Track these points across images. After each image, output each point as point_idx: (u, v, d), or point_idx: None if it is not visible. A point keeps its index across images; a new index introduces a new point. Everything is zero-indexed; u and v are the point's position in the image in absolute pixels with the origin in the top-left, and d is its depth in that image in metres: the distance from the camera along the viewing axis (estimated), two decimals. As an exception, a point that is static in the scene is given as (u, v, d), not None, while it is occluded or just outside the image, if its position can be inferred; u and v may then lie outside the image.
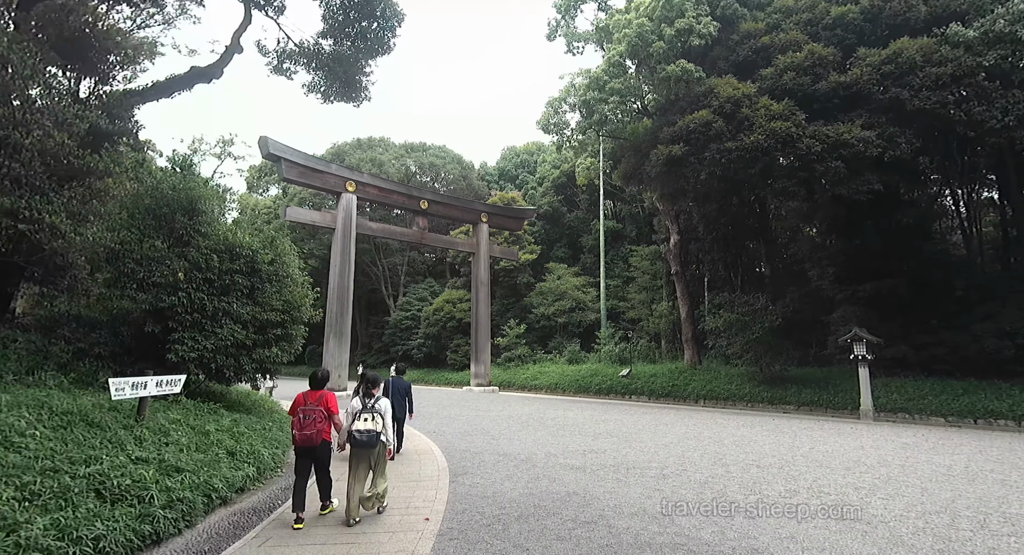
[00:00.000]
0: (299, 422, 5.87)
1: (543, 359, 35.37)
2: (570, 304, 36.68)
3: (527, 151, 49.05)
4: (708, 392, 24.44)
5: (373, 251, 44.21)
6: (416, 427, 14.75)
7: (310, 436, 5.81)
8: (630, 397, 26.84)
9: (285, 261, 12.19)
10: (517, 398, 25.53)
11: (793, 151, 16.73)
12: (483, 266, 30.73)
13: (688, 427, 14.21)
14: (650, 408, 20.89)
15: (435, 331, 39.13)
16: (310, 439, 5.83)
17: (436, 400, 23.31)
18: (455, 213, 30.09)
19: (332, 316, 24.75)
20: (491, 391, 29.63)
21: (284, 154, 23.56)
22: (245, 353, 10.83)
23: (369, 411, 5.89)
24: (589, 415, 17.09)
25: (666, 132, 18.75)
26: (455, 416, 17.12)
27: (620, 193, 41.20)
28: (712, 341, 29.23)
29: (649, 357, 31.24)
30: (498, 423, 15.15)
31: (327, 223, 25.16)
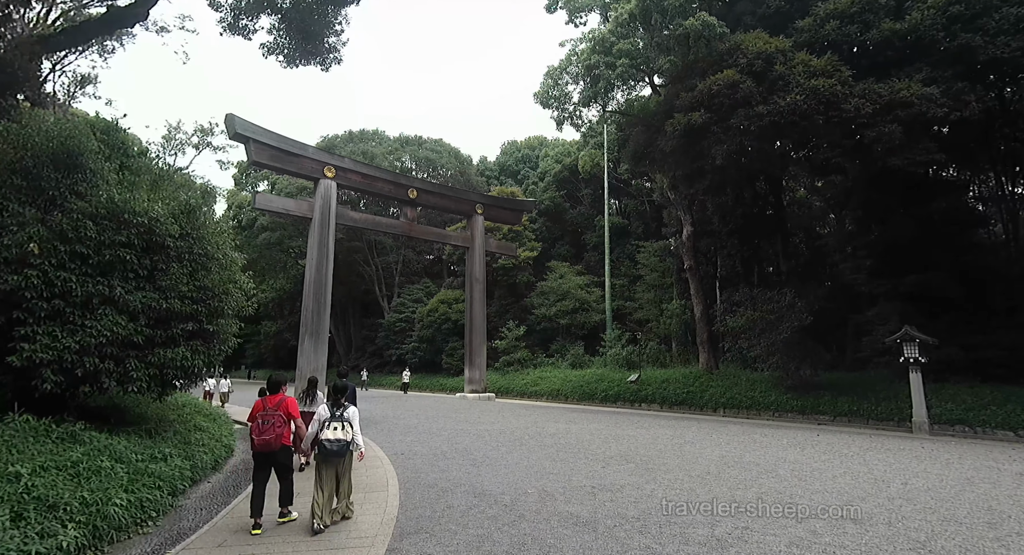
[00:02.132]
0: (258, 427, 5.71)
1: (544, 363, 32.34)
2: (573, 304, 33.67)
3: (528, 146, 46.16)
4: (728, 400, 21.39)
5: (366, 250, 41.35)
6: (385, 445, 11.79)
7: (269, 441, 5.65)
8: (640, 405, 23.79)
9: (204, 236, 9.25)
10: (514, 406, 22.50)
11: (837, 114, 13.76)
12: (478, 261, 27.76)
13: (720, 447, 11.17)
14: (665, 419, 17.85)
15: (430, 334, 36.16)
16: (268, 444, 5.66)
17: (422, 409, 20.29)
18: (448, 204, 27.14)
19: (308, 315, 21.81)
20: (486, 398, 26.60)
21: (253, 134, 20.72)
22: (134, 354, 7.86)
23: (338, 420, 5.75)
24: (596, 429, 14.07)
25: (684, 98, 15.80)
26: (437, 430, 14.11)
27: (626, 188, 38.27)
28: (729, 343, 26.18)
29: (659, 361, 28.18)
30: (486, 441, 12.14)
31: (303, 212, 22.25)
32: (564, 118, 19.69)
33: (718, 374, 23.81)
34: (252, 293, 10.69)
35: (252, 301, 10.31)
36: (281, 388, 6.11)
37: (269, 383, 6.12)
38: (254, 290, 10.76)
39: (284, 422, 5.76)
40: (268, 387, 6.09)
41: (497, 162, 46.42)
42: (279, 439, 5.70)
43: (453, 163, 40.68)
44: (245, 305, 10.08)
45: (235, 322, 10.21)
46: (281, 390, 6.12)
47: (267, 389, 6.08)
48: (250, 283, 10.55)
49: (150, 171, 11.89)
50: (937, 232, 18.34)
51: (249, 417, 5.95)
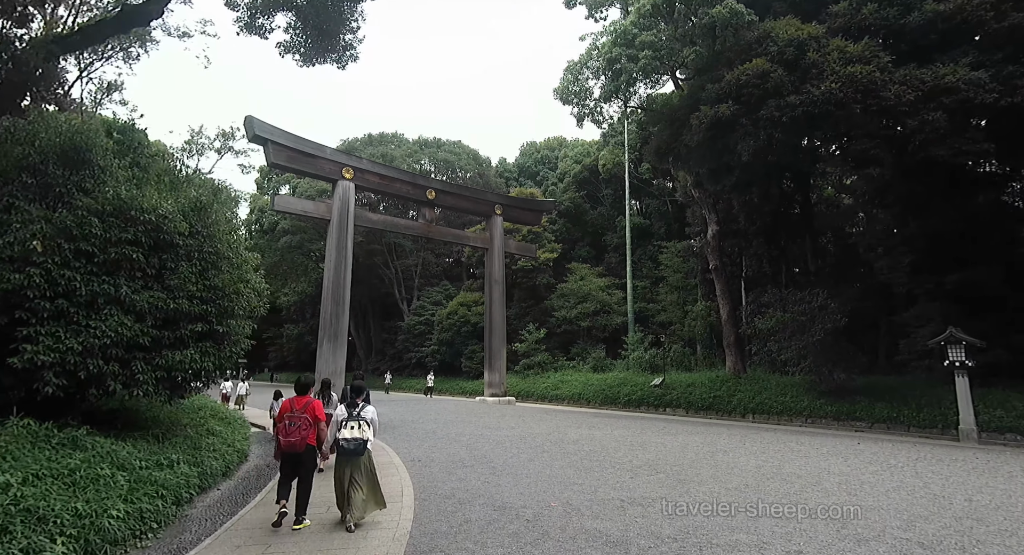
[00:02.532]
0: (284, 428, 5.78)
1: (565, 366, 31.70)
2: (594, 306, 32.98)
3: (548, 147, 45.60)
4: (757, 405, 20.55)
5: (385, 252, 41.22)
6: (402, 451, 11.35)
7: (294, 443, 5.72)
8: (664, 410, 23.04)
9: (215, 234, 8.92)
10: (535, 411, 21.94)
11: (876, 102, 12.96)
12: (497, 263, 27.28)
13: (756, 456, 10.47)
14: (692, 424, 17.13)
15: (449, 336, 35.79)
16: (294, 446, 5.74)
17: (441, 413, 19.87)
18: (466, 204, 26.73)
19: (326, 317, 21.57)
20: (506, 402, 26.07)
21: (271, 136, 20.60)
22: (141, 356, 7.54)
23: (355, 419, 5.84)
24: (621, 435, 13.43)
25: (710, 90, 15.13)
26: (456, 435, 13.64)
27: (647, 187, 37.51)
28: (757, 346, 25.30)
29: (683, 364, 27.35)
30: (506, 447, 11.62)
31: (321, 214, 22.06)
32: (584, 114, 19.14)
33: (746, 378, 22.93)
34: (266, 293, 10.35)
35: (263, 301, 9.95)
36: (309, 390, 6.21)
37: (297, 385, 6.16)
38: (268, 289, 10.42)
39: (310, 424, 5.82)
40: (296, 389, 6.15)
41: (516, 163, 45.97)
42: (304, 441, 5.77)
43: (472, 165, 40.36)
44: (258, 305, 9.74)
45: (248, 323, 9.88)
46: (309, 392, 6.21)
47: (295, 390, 6.14)
48: (263, 283, 10.22)
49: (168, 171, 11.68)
50: (982, 227, 17.31)
51: (277, 418, 6.08)
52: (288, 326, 52.14)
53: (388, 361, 43.37)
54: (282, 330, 54.56)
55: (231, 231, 9.57)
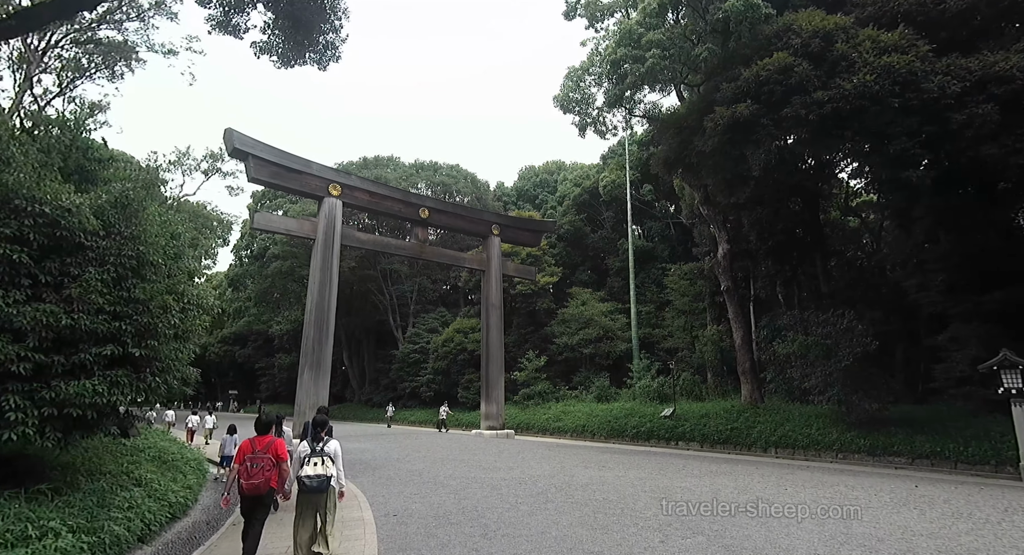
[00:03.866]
0: (246, 470, 5.37)
1: (567, 396, 29.55)
2: (597, 332, 31.01)
3: (546, 170, 44.38)
4: (780, 438, 18.47)
5: (380, 278, 39.44)
6: (377, 500, 9.33)
7: (258, 485, 5.36)
8: (676, 443, 20.90)
9: (140, 236, 7.13)
10: (536, 445, 19.77)
11: (916, 95, 11.42)
12: (495, 286, 25.47)
13: (808, 507, 8.45)
14: (713, 462, 15.03)
15: (444, 365, 33.68)
16: (257, 489, 5.39)
17: (433, 449, 17.73)
18: (462, 224, 25.09)
19: (308, 343, 19.63)
20: (504, 435, 23.87)
21: (252, 150, 19.06)
22: (15, 388, 5.64)
23: (319, 455, 5.47)
24: (637, 478, 11.38)
25: (726, 90, 13.63)
26: (445, 478, 11.57)
27: (649, 210, 36.04)
28: (772, 373, 23.31)
29: (694, 393, 25.27)
30: (502, 495, 9.59)
31: (306, 232, 20.36)
32: (587, 123, 17.67)
33: (764, 408, 20.87)
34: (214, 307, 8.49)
35: (203, 319, 8.06)
36: (271, 429, 5.84)
37: (257, 424, 5.81)
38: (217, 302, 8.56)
39: (273, 465, 5.46)
40: (256, 428, 5.77)
41: (514, 187, 44.66)
42: (267, 483, 5.44)
43: (469, 188, 39.01)
44: (200, 322, 7.86)
45: (187, 347, 8.01)
46: (271, 431, 5.83)
47: (255, 430, 5.76)
48: (210, 295, 8.36)
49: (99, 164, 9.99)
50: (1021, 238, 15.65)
51: (236, 459, 5.60)
52: (280, 355, 49.96)
53: (382, 391, 41.07)
54: (274, 360, 52.34)
55: (168, 234, 7.76)
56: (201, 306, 8.30)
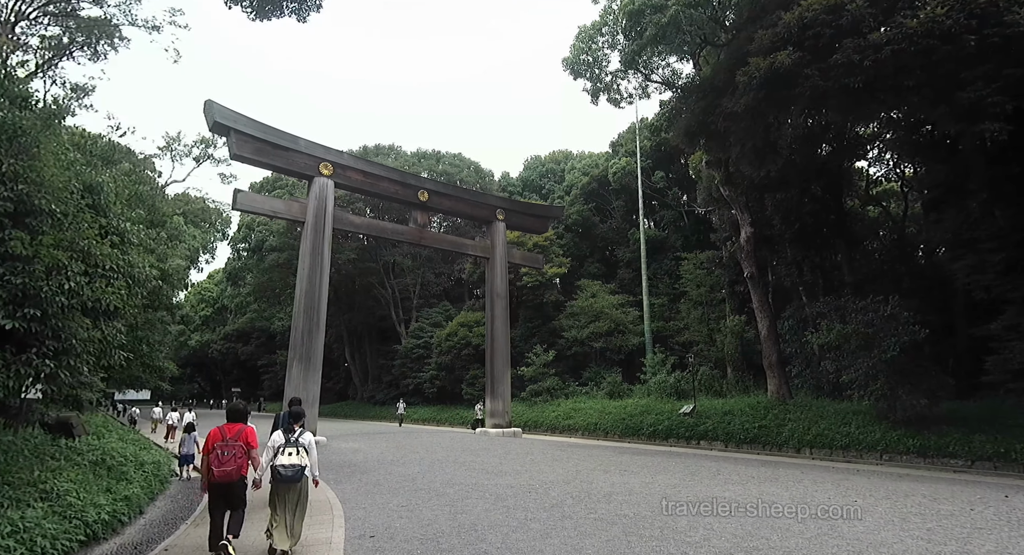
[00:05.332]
0: (217, 458, 5.29)
1: (577, 393, 27.66)
2: (608, 326, 29.10)
3: (553, 160, 42.46)
4: (815, 437, 16.55)
5: (381, 272, 37.69)
6: (354, 514, 7.51)
7: (229, 473, 5.29)
8: (698, 443, 18.99)
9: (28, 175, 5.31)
10: (545, 445, 17.90)
11: (998, 30, 9.48)
12: (499, 274, 23.61)
13: (895, 527, 6.57)
14: (747, 464, 13.10)
15: (448, 360, 31.86)
16: (229, 475, 5.29)
17: (431, 449, 15.89)
18: (464, 208, 23.25)
19: (297, 335, 17.86)
20: (511, 434, 22.01)
21: (234, 124, 17.33)
22: None
23: (293, 445, 5.50)
24: (665, 484, 9.50)
25: (762, 38, 11.71)
26: (441, 485, 9.73)
27: (661, 197, 34.06)
28: (799, 366, 21.37)
29: (713, 389, 23.34)
30: (508, 507, 7.74)
31: (294, 214, 18.62)
32: (599, 89, 15.82)
33: (794, 404, 18.91)
34: (149, 276, 6.68)
35: (128, 289, 6.23)
36: (244, 418, 5.72)
37: (229, 412, 5.77)
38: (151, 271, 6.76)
39: (244, 453, 5.40)
40: (228, 416, 5.70)
41: (520, 177, 42.74)
42: (239, 470, 5.35)
43: (473, 178, 37.16)
44: (124, 297, 6.04)
45: (113, 324, 6.20)
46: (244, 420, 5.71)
47: (227, 417, 5.66)
48: (143, 259, 6.56)
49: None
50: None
51: (204, 449, 5.57)
52: (281, 352, 48.21)
53: (385, 388, 39.32)
54: (276, 357, 50.76)
55: (69, 174, 5.95)
56: (131, 275, 6.47)
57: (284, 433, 5.63)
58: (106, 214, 6.64)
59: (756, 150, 14.77)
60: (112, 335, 6.40)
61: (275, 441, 5.56)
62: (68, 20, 22.56)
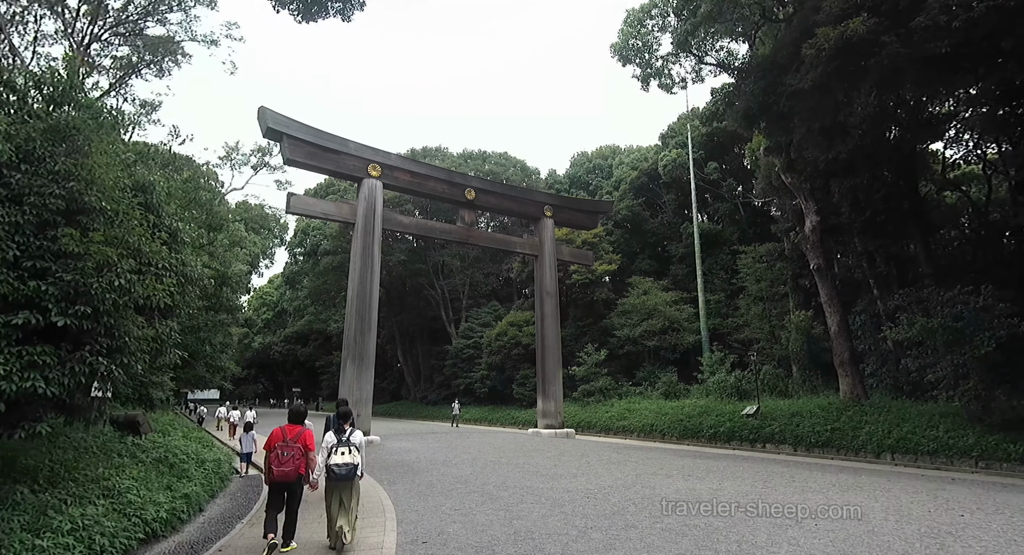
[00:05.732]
0: (277, 458, 5.58)
1: (630, 393, 26.78)
2: (661, 324, 28.07)
3: (600, 155, 41.56)
4: (898, 442, 15.18)
5: (430, 272, 37.95)
6: (406, 517, 7.25)
7: (288, 473, 5.57)
8: (763, 446, 17.86)
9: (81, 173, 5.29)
10: (600, 447, 17.28)
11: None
12: (548, 271, 23.12)
13: (1012, 543, 5.67)
14: (824, 470, 12.05)
15: (498, 360, 31.61)
16: (287, 475, 5.59)
17: (484, 450, 15.60)
18: (511, 205, 22.90)
19: (350, 335, 18.00)
20: (564, 435, 21.47)
21: (287, 129, 17.64)
22: None
23: (345, 444, 5.74)
24: (738, 491, 8.75)
25: (832, 5, 10.73)
26: (495, 488, 9.36)
27: (715, 189, 32.60)
28: (875, 364, 19.83)
29: (778, 388, 21.99)
30: (566, 513, 7.26)
31: (344, 216, 18.81)
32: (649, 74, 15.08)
33: (870, 405, 17.47)
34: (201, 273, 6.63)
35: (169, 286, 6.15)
36: (303, 419, 5.96)
37: (291, 414, 5.97)
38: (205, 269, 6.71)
39: (302, 454, 5.66)
40: (289, 417, 5.94)
41: (566, 175, 42.06)
42: (296, 471, 5.62)
43: (519, 176, 36.84)
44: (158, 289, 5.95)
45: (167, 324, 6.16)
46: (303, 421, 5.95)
47: (289, 419, 5.93)
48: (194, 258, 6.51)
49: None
50: None
51: (266, 446, 5.76)
52: (337, 354, 49.43)
53: (436, 388, 39.57)
54: (332, 358, 52.16)
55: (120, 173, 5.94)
56: (183, 274, 6.42)
57: (336, 434, 5.83)
58: (158, 213, 6.65)
59: (823, 131, 13.69)
60: (167, 333, 6.38)
61: (328, 442, 5.77)
62: (136, 39, 23.81)
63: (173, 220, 6.98)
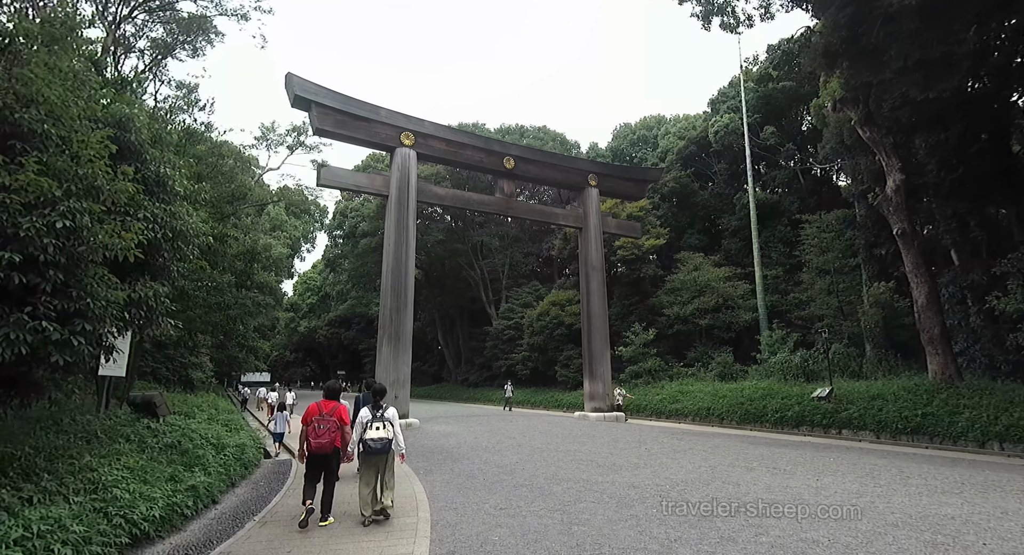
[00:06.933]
0: (314, 431, 5.78)
1: (682, 374, 24.94)
2: (714, 301, 25.99)
3: (644, 126, 39.04)
4: (1006, 429, 13.00)
5: (469, 253, 36.73)
6: (447, 516, 5.93)
7: (324, 445, 5.74)
8: (839, 432, 15.83)
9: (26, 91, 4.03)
10: (656, 432, 15.67)
11: None
12: (594, 245, 21.42)
13: None
14: (933, 462, 10.10)
15: (540, 341, 30.19)
16: (324, 447, 5.76)
17: (530, 435, 14.24)
18: (553, 174, 21.20)
19: (386, 314, 16.94)
20: (614, 419, 19.93)
21: (315, 96, 16.49)
22: None
23: (380, 420, 5.85)
24: (842, 489, 7.05)
25: None
26: (544, 483, 7.95)
27: (772, 156, 29.91)
28: (966, 342, 17.45)
29: (850, 369, 19.75)
30: (638, 518, 5.78)
31: (377, 188, 17.61)
32: (711, 10, 13.03)
33: (967, 388, 15.16)
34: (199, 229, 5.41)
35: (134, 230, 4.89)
36: (336, 395, 6.17)
37: (327, 390, 6.23)
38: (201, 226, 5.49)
39: (337, 427, 5.82)
40: (325, 393, 6.19)
41: (609, 148, 39.74)
42: (332, 443, 5.76)
43: (559, 150, 34.88)
44: (125, 237, 4.70)
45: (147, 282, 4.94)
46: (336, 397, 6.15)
47: (324, 395, 6.18)
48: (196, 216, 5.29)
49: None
50: None
51: (304, 420, 5.96)
52: (379, 336, 49.34)
53: (477, 370, 38.61)
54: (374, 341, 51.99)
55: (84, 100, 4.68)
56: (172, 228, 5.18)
57: (371, 409, 5.93)
58: (140, 157, 5.45)
59: (923, 66, 11.41)
60: (150, 297, 5.18)
61: (364, 417, 5.88)
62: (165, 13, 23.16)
63: (161, 165, 5.80)
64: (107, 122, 5.15)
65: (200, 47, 25.41)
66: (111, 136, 4.87)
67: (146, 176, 5.57)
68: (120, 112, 5.35)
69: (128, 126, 5.43)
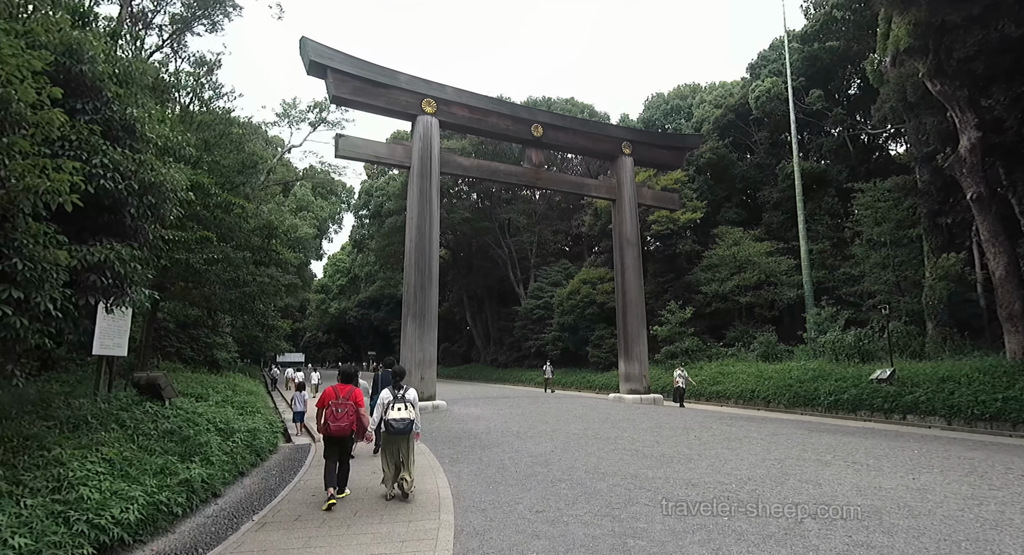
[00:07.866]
0: (332, 414, 5.89)
1: (721, 354, 23.49)
2: (756, 277, 24.31)
3: (678, 95, 36.80)
4: (1110, 416, 11.22)
5: (496, 231, 35.56)
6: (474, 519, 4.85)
7: (343, 427, 5.89)
8: (903, 418, 14.28)
9: None
10: (701, 416, 14.40)
11: None
12: (628, 217, 19.95)
13: None
14: None
15: (571, 320, 29.00)
16: (343, 430, 5.90)
17: (564, 419, 13.15)
18: (584, 142, 19.69)
19: (410, 292, 16.00)
20: (651, 401, 18.72)
21: (331, 62, 15.40)
22: None
23: (401, 400, 5.94)
24: (950, 491, 5.75)
25: None
26: (586, 475, 6.86)
27: (819, 122, 27.63)
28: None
29: (910, 349, 17.99)
30: (708, 529, 4.62)
31: (398, 159, 16.53)
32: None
33: (1054, 369, 13.38)
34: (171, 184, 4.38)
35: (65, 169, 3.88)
36: (352, 379, 6.21)
37: (341, 374, 6.25)
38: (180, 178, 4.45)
39: (354, 410, 5.92)
40: (340, 377, 6.21)
41: (640, 119, 37.64)
42: (351, 426, 5.91)
43: (588, 123, 33.21)
44: (56, 178, 3.69)
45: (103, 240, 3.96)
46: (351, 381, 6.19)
47: (339, 379, 6.21)
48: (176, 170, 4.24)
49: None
50: None
51: (321, 403, 6.05)
52: (408, 317, 48.90)
53: (506, 350, 37.74)
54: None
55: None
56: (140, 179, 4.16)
57: (392, 390, 5.96)
58: (97, 93, 4.46)
59: None
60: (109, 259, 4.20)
61: (385, 397, 5.94)
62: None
63: (127, 106, 4.79)
64: (53, 49, 4.16)
65: (218, 21, 24.63)
66: (54, 62, 3.87)
67: (108, 117, 4.59)
68: (68, 37, 4.33)
69: (79, 55, 4.43)
